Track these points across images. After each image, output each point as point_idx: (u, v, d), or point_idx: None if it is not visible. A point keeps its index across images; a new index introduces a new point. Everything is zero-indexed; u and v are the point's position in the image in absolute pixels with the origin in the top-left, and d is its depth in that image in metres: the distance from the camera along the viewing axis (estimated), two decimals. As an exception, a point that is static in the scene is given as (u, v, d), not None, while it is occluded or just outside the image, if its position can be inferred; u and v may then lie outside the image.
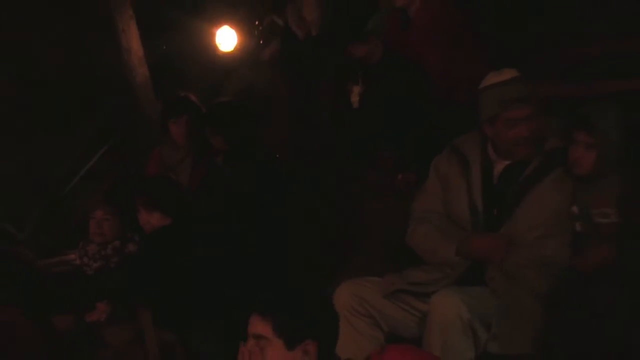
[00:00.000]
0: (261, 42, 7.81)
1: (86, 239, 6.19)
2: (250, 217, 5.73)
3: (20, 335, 4.78)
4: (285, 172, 6.35)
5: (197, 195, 6.07)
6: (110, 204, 6.18)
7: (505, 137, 4.37)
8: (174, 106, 6.78)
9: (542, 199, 4.30)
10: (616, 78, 5.90)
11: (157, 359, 5.26)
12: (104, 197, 6.37)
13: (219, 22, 8.12)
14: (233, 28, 8.02)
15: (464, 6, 6.23)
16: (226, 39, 8.03)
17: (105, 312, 5.44)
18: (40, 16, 8.62)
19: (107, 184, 7.21)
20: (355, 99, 6.19)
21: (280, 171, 6.33)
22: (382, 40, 6.36)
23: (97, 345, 5.38)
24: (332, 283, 4.74)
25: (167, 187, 5.90)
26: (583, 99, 5.79)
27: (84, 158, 8.68)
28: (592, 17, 6.50)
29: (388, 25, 6.56)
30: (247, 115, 6.34)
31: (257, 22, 7.86)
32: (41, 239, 7.28)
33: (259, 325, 3.11)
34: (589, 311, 4.01)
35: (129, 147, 8.16)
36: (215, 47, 8.13)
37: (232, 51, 8.07)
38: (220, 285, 5.33)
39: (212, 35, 8.13)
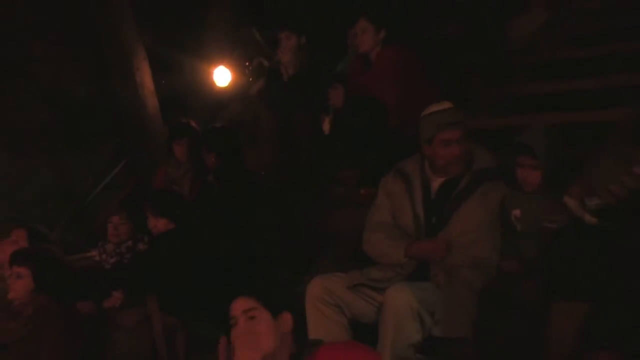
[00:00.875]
0: (250, 79, 7.81)
1: (104, 240, 6.20)
2: (238, 225, 5.72)
3: (53, 318, 4.79)
4: (268, 187, 6.39)
5: (194, 205, 6.03)
6: (125, 211, 6.18)
7: (441, 156, 4.44)
8: (177, 130, 6.78)
9: (471, 211, 4.37)
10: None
11: (161, 339, 5.22)
12: (120, 205, 6.36)
13: (215, 63, 8.10)
14: (227, 68, 7.99)
15: (415, 53, 6.27)
16: (222, 76, 7.99)
17: (119, 299, 5.43)
18: (71, 54, 8.63)
19: (123, 195, 7.22)
20: (326, 127, 6.19)
21: (264, 186, 6.36)
22: (349, 77, 6.45)
23: (112, 327, 5.37)
24: (306, 277, 4.79)
25: (171, 197, 5.92)
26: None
27: (104, 173, 8.68)
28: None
29: (354, 66, 6.57)
30: (235, 139, 6.37)
31: (247, 63, 7.86)
32: (68, 238, 7.25)
33: (245, 302, 3.01)
34: (513, 303, 4.06)
35: (141, 164, 8.13)
36: (212, 83, 8.10)
37: (226, 87, 8.05)
38: (214, 278, 5.35)
39: (210, 74, 8.11)
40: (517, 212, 4.31)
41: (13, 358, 4.78)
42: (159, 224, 5.65)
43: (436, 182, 4.57)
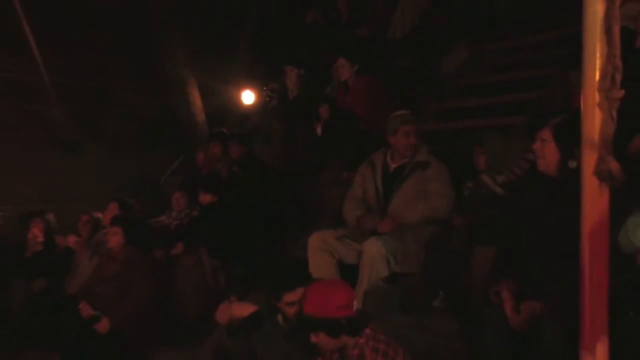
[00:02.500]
0: (267, 99, 7.80)
1: (170, 209, 6.23)
2: (256, 198, 5.73)
3: (138, 261, 4.86)
4: (278, 173, 6.44)
5: (227, 185, 6.02)
6: (183, 189, 6.21)
7: (402, 143, 4.49)
8: (214, 135, 6.80)
9: (408, 188, 4.40)
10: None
11: (209, 276, 5.28)
12: (180, 185, 6.37)
13: (243, 87, 8.08)
14: (252, 90, 7.99)
15: (380, 80, 6.30)
16: (247, 97, 7.99)
17: (180, 249, 5.48)
18: (146, 85, 8.63)
19: (181, 179, 7.22)
20: (319, 131, 6.23)
21: (275, 172, 6.41)
22: (335, 97, 6.48)
23: (176, 267, 5.43)
24: (307, 234, 4.84)
25: (214, 180, 5.94)
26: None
27: (168, 164, 8.70)
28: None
29: (338, 89, 6.59)
30: (250, 141, 6.38)
31: (265, 87, 7.84)
32: (146, 209, 7.25)
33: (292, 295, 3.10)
34: (447, 249, 4.13)
35: (193, 158, 8.11)
36: (241, 102, 8.10)
37: (251, 104, 8.04)
38: (242, 235, 5.39)
39: (239, 95, 8.10)
40: (469, 184, 4.37)
41: (113, 287, 4.80)
42: (206, 198, 5.69)
43: (392, 167, 4.59)
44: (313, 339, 2.67)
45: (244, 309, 3.16)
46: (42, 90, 7.77)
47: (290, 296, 3.13)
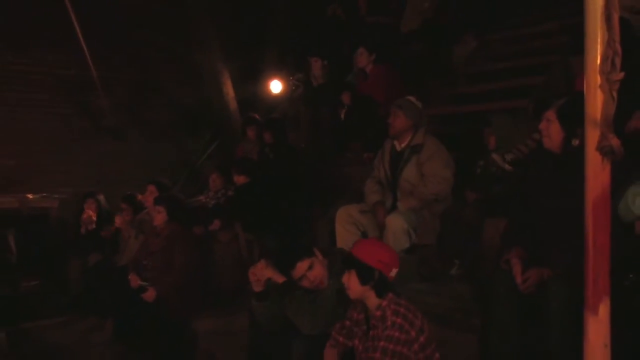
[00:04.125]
0: (293, 87, 7.79)
1: (207, 189, 6.25)
2: (285, 178, 5.75)
3: (180, 237, 4.92)
4: (305, 154, 6.45)
5: (260, 167, 6.03)
6: (219, 171, 6.21)
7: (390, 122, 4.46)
8: (248, 120, 6.83)
9: (409, 172, 4.34)
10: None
11: (244, 249, 5.33)
12: (216, 167, 6.41)
13: (271, 77, 8.07)
14: (279, 80, 7.96)
15: (396, 68, 6.27)
16: (276, 86, 7.96)
17: (218, 225, 5.51)
18: (183, 77, 8.67)
19: (217, 161, 7.26)
20: (342, 116, 6.22)
21: (302, 153, 6.42)
22: (355, 85, 6.43)
23: (214, 242, 5.47)
24: (332, 209, 4.87)
25: (247, 162, 5.95)
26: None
27: (205, 149, 8.74)
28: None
29: (357, 77, 6.57)
30: (282, 125, 6.38)
31: (291, 77, 7.82)
32: (186, 189, 7.31)
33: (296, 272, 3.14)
34: (463, 221, 4.12)
35: (227, 142, 8.17)
36: (269, 91, 8.09)
37: (279, 93, 8.03)
38: (274, 211, 5.42)
39: (268, 84, 8.09)
40: (481, 163, 4.34)
41: (158, 260, 4.88)
42: (240, 179, 5.70)
43: (397, 151, 4.53)
44: (345, 277, 2.71)
45: (278, 277, 3.18)
46: (90, 83, 7.83)
47: (295, 273, 3.13)
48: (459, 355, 3.16)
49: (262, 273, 3.19)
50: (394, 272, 2.71)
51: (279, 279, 3.18)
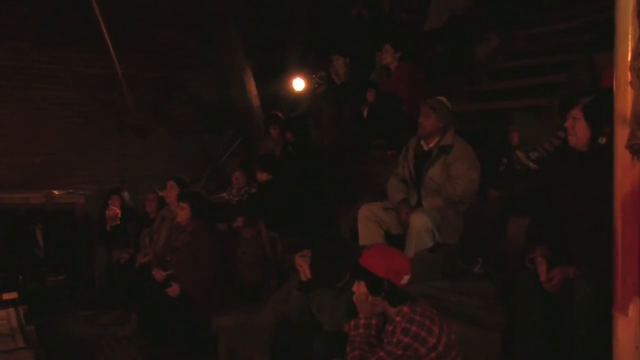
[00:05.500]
0: (315, 85, 7.76)
1: (231, 186, 6.26)
2: (307, 176, 5.73)
3: (204, 233, 4.94)
4: (328, 152, 6.44)
5: (282, 165, 6.04)
6: (242, 168, 6.23)
7: (420, 122, 4.39)
8: (271, 118, 6.84)
9: (435, 172, 4.26)
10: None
11: (267, 245, 5.29)
12: (239, 165, 6.42)
13: (294, 75, 8.06)
14: (302, 78, 7.95)
15: (418, 65, 6.24)
16: (298, 84, 7.94)
17: (241, 222, 5.43)
18: (207, 75, 8.71)
19: (240, 159, 7.28)
20: (365, 113, 6.19)
21: (325, 151, 6.41)
22: (379, 82, 6.40)
23: (237, 238, 5.46)
24: (355, 207, 4.84)
25: (270, 159, 5.96)
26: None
27: (228, 146, 8.77)
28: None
29: (381, 75, 6.54)
30: (305, 123, 6.38)
31: (313, 75, 7.79)
32: (209, 186, 7.33)
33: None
34: (486, 219, 4.09)
35: (250, 140, 8.18)
36: (292, 89, 8.08)
37: (301, 91, 8.01)
38: (296, 208, 5.41)
39: (290, 82, 8.08)
40: (504, 160, 4.30)
41: (182, 256, 4.91)
42: (263, 176, 5.72)
43: (424, 150, 4.45)
44: (355, 286, 2.64)
45: (307, 272, 3.18)
46: (115, 81, 7.91)
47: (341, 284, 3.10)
48: (482, 354, 3.13)
49: (299, 261, 3.17)
50: (405, 279, 2.61)
51: (306, 275, 3.16)
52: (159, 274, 4.85)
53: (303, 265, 3.16)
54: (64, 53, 7.90)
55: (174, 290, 4.71)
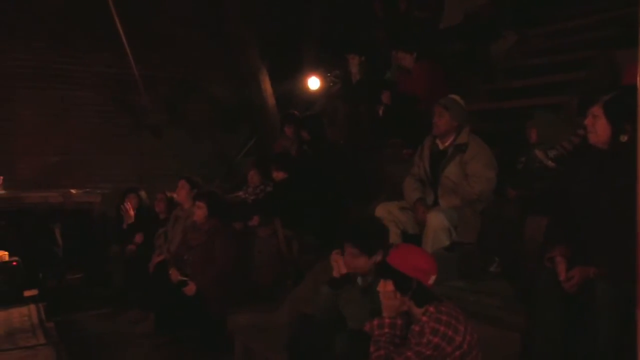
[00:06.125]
0: (331, 84, 7.75)
1: (247, 185, 6.27)
2: (323, 175, 5.71)
3: (220, 232, 4.94)
4: (343, 151, 6.41)
5: (298, 163, 6.03)
6: (257, 167, 6.23)
7: (435, 122, 4.35)
8: (287, 117, 6.82)
9: (451, 171, 4.22)
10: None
11: (283, 244, 5.31)
12: (254, 164, 6.43)
13: (309, 74, 8.04)
14: (317, 77, 7.92)
15: (438, 65, 6.19)
16: (313, 83, 7.92)
17: (257, 220, 5.52)
18: (223, 76, 8.72)
19: (255, 158, 7.29)
20: (380, 112, 6.15)
21: (340, 150, 6.38)
22: (396, 82, 6.37)
23: (253, 237, 5.48)
24: (371, 206, 4.81)
25: (286, 158, 5.95)
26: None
27: (243, 145, 8.81)
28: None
29: (398, 74, 6.49)
30: (320, 122, 6.35)
31: (328, 74, 7.78)
32: (224, 186, 7.35)
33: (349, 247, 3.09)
34: (502, 218, 4.04)
35: (265, 139, 8.18)
36: (307, 87, 8.05)
37: (316, 90, 7.98)
38: (313, 207, 5.39)
39: (305, 81, 8.06)
40: (522, 158, 4.25)
41: (198, 256, 4.93)
42: (279, 175, 5.71)
43: (439, 149, 4.41)
44: (381, 285, 2.62)
45: (341, 268, 3.17)
46: (131, 81, 7.95)
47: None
48: (500, 354, 3.10)
49: (335, 257, 3.17)
50: (432, 279, 2.60)
51: (339, 271, 3.14)
52: (175, 275, 4.86)
53: (339, 261, 3.14)
54: (82, 54, 7.96)
55: (190, 289, 4.73)
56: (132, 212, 6.24)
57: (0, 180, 6.73)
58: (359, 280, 3.19)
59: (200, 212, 5.02)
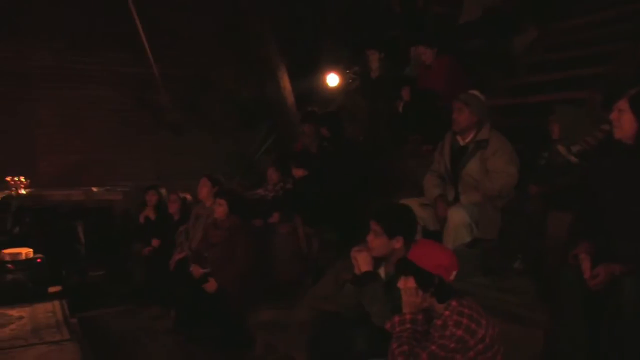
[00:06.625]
0: (350, 80, 7.72)
1: (265, 182, 6.29)
2: (343, 171, 5.69)
3: (241, 229, 4.96)
4: (362, 147, 6.38)
5: (318, 160, 6.02)
6: (277, 164, 6.25)
7: (454, 118, 4.30)
8: (306, 115, 6.80)
9: (472, 166, 4.18)
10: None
11: (303, 241, 5.32)
12: (273, 162, 6.43)
13: (328, 71, 8.01)
14: (336, 73, 7.89)
15: (457, 61, 6.13)
16: (332, 79, 7.89)
17: (277, 217, 5.54)
18: (241, 73, 8.75)
19: (275, 156, 7.30)
20: (400, 108, 6.11)
21: (360, 146, 6.36)
22: (415, 77, 6.32)
23: (273, 234, 5.48)
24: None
25: (305, 156, 5.94)
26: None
27: (262, 142, 8.82)
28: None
29: (418, 70, 6.44)
30: (339, 118, 6.34)
31: (347, 70, 7.75)
32: (244, 183, 7.37)
33: (373, 224, 3.07)
34: (524, 214, 4.00)
35: (284, 136, 8.19)
36: (326, 84, 8.02)
37: (335, 86, 7.95)
38: (333, 203, 5.38)
39: (324, 78, 8.03)
40: (545, 154, 4.20)
41: (219, 253, 4.94)
42: (298, 172, 5.70)
43: (460, 145, 4.36)
44: (402, 282, 2.60)
45: (364, 265, 3.13)
46: (151, 80, 8.01)
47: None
48: (522, 352, 3.07)
49: (354, 255, 3.15)
50: (453, 275, 2.59)
51: (362, 268, 3.13)
52: (196, 271, 4.89)
53: (359, 258, 3.13)
54: (101, 53, 8.04)
55: (211, 286, 4.75)
56: (153, 210, 6.30)
57: (26, 182, 6.80)
58: (381, 271, 3.17)
59: (220, 209, 5.02)
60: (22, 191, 6.75)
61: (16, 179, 6.70)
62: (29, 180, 6.82)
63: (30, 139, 7.69)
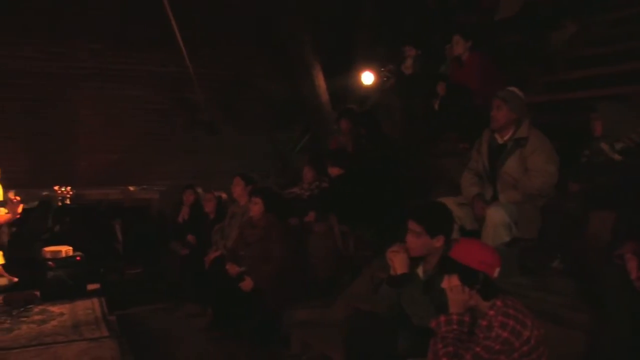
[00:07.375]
0: (385, 79, 7.65)
1: (301, 181, 6.30)
2: (380, 169, 5.65)
3: (277, 228, 4.97)
4: (399, 144, 6.34)
5: (355, 158, 5.99)
6: (312, 163, 6.25)
7: (493, 115, 4.23)
8: (343, 112, 6.77)
9: (511, 164, 4.10)
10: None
11: (339, 240, 5.29)
12: (309, 161, 6.43)
13: (363, 69, 7.96)
14: (371, 72, 7.84)
15: (490, 57, 6.04)
16: (367, 78, 7.82)
17: (313, 216, 5.55)
18: (276, 72, 8.77)
19: (310, 154, 7.30)
20: (436, 105, 6.04)
21: (396, 143, 6.32)
22: (450, 75, 6.22)
23: (309, 233, 5.49)
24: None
25: (341, 154, 5.92)
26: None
27: (298, 141, 8.87)
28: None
29: (451, 65, 6.38)
30: (375, 116, 6.31)
31: (382, 69, 7.69)
32: (280, 182, 7.39)
33: (413, 224, 3.03)
34: (566, 213, 3.91)
35: (319, 134, 8.19)
36: (361, 82, 7.99)
37: (370, 84, 7.91)
38: (370, 202, 5.34)
39: (359, 76, 7.99)
40: (586, 152, 4.10)
41: (255, 252, 4.96)
42: (334, 171, 5.67)
43: (498, 143, 4.27)
44: (445, 282, 2.59)
45: (401, 267, 3.11)
46: (187, 80, 8.08)
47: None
48: (563, 353, 3.00)
49: (390, 256, 3.13)
50: (497, 271, 2.56)
51: (399, 270, 3.10)
52: (233, 269, 4.92)
53: (394, 260, 3.10)
54: (138, 53, 8.14)
55: (247, 284, 4.77)
56: (187, 210, 6.36)
57: (72, 192, 6.86)
58: (420, 271, 3.13)
59: (256, 208, 5.05)
60: (68, 201, 6.83)
61: (63, 189, 6.81)
62: (74, 191, 6.91)
63: (69, 139, 7.84)
